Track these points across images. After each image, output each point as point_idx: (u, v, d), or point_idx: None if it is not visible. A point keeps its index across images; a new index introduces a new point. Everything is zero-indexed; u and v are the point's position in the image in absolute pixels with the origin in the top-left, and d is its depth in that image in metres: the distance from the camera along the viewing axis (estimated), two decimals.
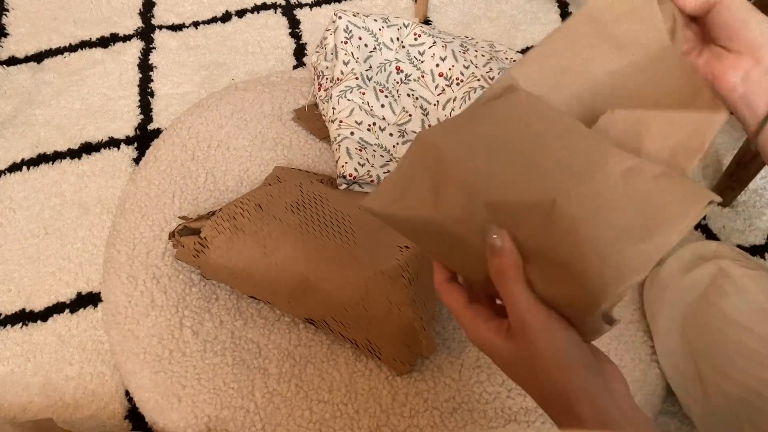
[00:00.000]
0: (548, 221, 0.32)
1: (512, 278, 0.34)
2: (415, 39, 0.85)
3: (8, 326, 0.81)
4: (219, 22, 1.14)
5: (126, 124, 1.00)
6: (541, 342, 0.34)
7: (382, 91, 0.85)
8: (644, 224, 0.30)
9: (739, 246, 0.86)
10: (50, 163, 0.96)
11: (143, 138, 0.99)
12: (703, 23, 0.39)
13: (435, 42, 0.84)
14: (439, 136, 0.37)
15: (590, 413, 0.32)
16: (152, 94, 1.04)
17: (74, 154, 0.97)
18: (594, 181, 0.32)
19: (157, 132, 0.99)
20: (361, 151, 0.79)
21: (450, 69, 0.84)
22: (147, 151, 0.89)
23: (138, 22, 1.14)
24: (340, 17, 0.85)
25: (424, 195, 0.36)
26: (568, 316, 0.35)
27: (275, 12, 1.16)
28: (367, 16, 0.86)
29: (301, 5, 1.17)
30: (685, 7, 0.39)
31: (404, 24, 0.86)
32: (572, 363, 0.33)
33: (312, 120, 0.89)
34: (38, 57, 1.09)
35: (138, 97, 1.03)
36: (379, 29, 0.85)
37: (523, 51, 1.14)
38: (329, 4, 1.18)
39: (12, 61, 1.08)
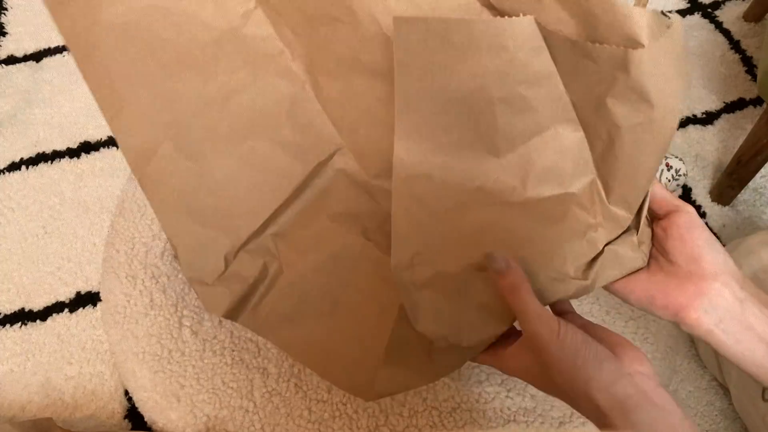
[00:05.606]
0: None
1: (526, 291, 0.36)
2: None
3: (7, 326, 0.81)
4: None
5: None
6: (552, 347, 0.34)
7: None
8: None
9: None
10: (49, 162, 0.96)
11: None
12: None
13: None
14: None
15: (608, 401, 0.32)
16: None
17: (73, 153, 0.97)
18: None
19: None
20: None
21: None
22: None
23: None
24: None
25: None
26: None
27: None
28: None
29: None
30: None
31: None
32: (583, 360, 0.34)
33: None
34: (37, 56, 1.09)
35: None
36: None
37: None
38: None
39: (11, 60, 1.08)
